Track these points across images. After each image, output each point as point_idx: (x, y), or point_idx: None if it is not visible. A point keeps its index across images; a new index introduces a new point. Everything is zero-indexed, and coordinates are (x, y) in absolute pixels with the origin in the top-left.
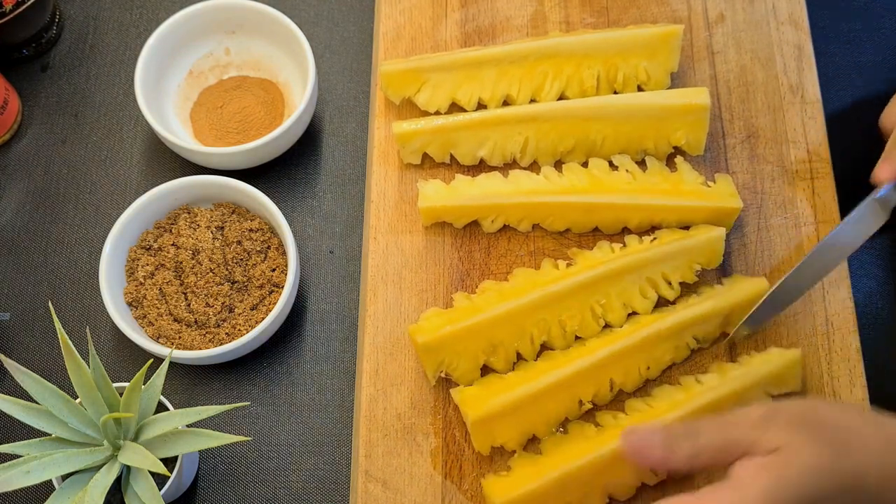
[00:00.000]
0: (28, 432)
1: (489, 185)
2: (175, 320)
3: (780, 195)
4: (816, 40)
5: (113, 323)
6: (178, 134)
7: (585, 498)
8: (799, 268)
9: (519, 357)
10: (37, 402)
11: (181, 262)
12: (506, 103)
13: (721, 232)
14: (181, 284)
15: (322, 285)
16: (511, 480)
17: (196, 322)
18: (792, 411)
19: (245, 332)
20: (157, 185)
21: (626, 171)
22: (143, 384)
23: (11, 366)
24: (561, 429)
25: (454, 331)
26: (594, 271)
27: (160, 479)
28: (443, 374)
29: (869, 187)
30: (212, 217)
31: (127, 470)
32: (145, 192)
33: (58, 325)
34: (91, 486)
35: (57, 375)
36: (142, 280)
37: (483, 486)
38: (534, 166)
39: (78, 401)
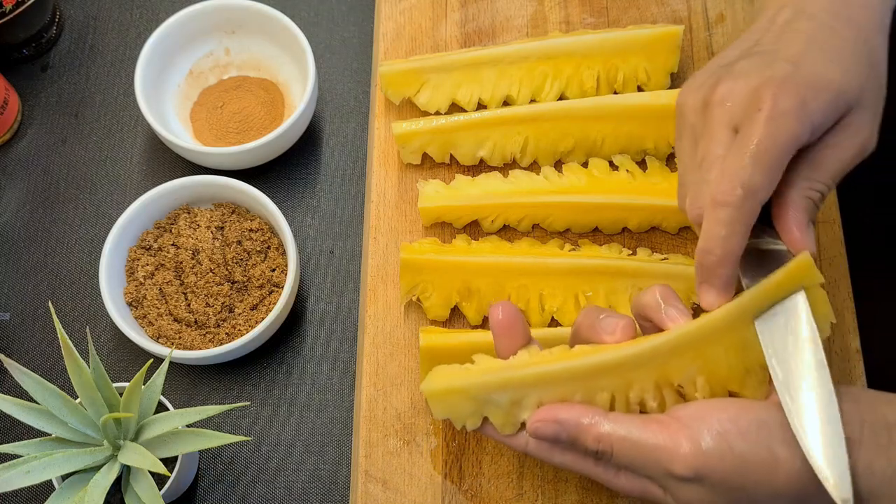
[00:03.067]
0: (28, 432)
1: (489, 185)
2: (175, 320)
3: None
4: None
5: (113, 323)
6: (178, 134)
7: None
8: None
9: None
10: (37, 402)
11: (181, 262)
12: (506, 104)
13: None
14: (181, 284)
15: (322, 285)
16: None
17: (196, 322)
18: (719, 476)
19: (245, 332)
20: (157, 185)
21: (626, 171)
22: (143, 384)
23: (11, 366)
24: None
25: (436, 260)
26: (590, 260)
27: (160, 479)
28: (414, 299)
29: (868, 187)
30: (212, 217)
31: (127, 470)
32: (145, 192)
33: (58, 325)
34: (91, 486)
35: (57, 375)
36: (142, 280)
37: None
38: (534, 166)
39: (78, 401)
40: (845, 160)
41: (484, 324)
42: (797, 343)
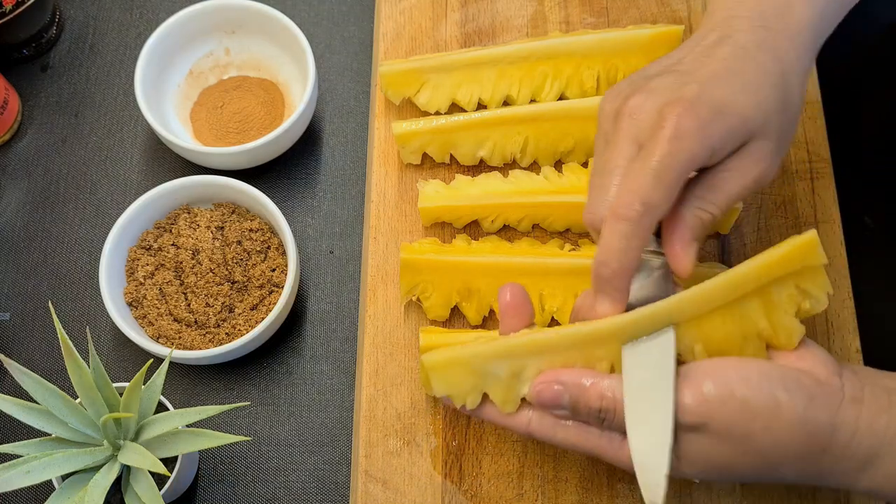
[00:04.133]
0: (28, 432)
1: (489, 185)
2: (175, 320)
3: (780, 195)
4: None
5: (113, 323)
6: (178, 134)
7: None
8: None
9: (492, 314)
10: (37, 402)
11: (181, 262)
12: (506, 104)
13: None
14: (181, 284)
15: (322, 285)
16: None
17: (196, 322)
18: (722, 422)
19: (245, 332)
20: (157, 185)
21: None
22: (143, 384)
23: (11, 366)
24: None
25: (436, 260)
26: (590, 260)
27: (160, 479)
28: (414, 299)
29: (868, 188)
30: (212, 217)
31: (127, 470)
32: (145, 192)
33: (58, 325)
34: (91, 486)
35: (57, 375)
36: (142, 280)
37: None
38: (534, 166)
39: (78, 401)
40: (742, 185)
41: (484, 323)
42: (658, 372)
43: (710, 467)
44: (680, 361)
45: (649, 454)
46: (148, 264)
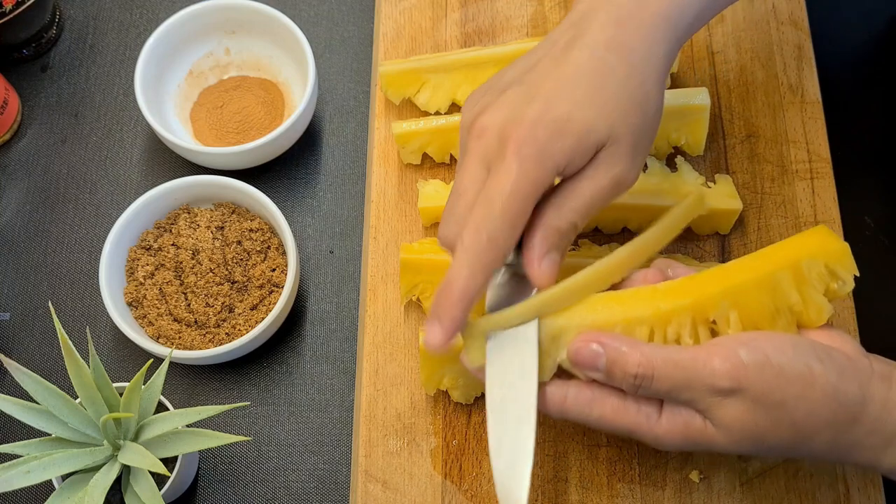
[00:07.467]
0: (28, 432)
1: None
2: (175, 320)
3: (780, 195)
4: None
5: (113, 323)
6: (178, 134)
7: None
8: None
9: None
10: (37, 402)
11: (181, 262)
12: None
13: None
14: (181, 284)
15: (322, 285)
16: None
17: (196, 322)
18: (759, 389)
19: (245, 332)
20: (157, 185)
21: None
22: (143, 384)
23: (11, 366)
24: None
25: (436, 260)
26: (590, 260)
27: (160, 479)
28: (414, 299)
29: (868, 188)
30: (212, 217)
31: (127, 470)
32: (145, 192)
33: (58, 325)
34: (91, 486)
35: (57, 375)
36: (142, 280)
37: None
38: None
39: (78, 401)
40: (597, 192)
41: None
42: (520, 369)
43: (744, 436)
44: (713, 332)
45: (512, 469)
46: (148, 264)
